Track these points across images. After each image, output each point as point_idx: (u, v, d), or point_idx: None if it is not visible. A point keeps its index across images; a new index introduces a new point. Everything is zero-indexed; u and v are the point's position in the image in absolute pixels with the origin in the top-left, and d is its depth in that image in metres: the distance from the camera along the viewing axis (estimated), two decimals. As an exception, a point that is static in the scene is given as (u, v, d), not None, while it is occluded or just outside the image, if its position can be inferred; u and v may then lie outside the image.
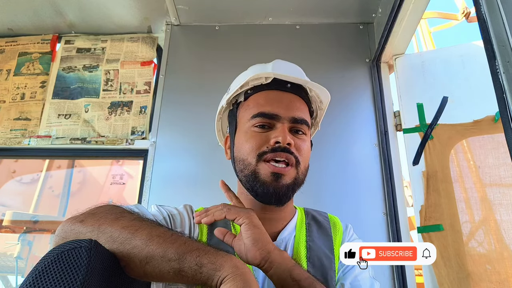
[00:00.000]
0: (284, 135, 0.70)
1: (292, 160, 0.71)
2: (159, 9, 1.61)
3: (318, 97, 0.84)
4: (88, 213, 0.60)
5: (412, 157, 1.34)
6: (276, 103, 0.74)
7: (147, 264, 0.53)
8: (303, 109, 0.77)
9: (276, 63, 0.82)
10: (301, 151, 0.73)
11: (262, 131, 0.73)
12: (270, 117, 0.73)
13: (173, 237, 0.55)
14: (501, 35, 0.70)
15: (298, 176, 0.72)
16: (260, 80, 0.77)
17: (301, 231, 0.78)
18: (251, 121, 0.74)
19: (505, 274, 1.12)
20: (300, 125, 0.75)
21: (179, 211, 0.76)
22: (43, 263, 0.45)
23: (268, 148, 0.71)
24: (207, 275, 0.51)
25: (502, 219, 1.17)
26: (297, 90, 0.79)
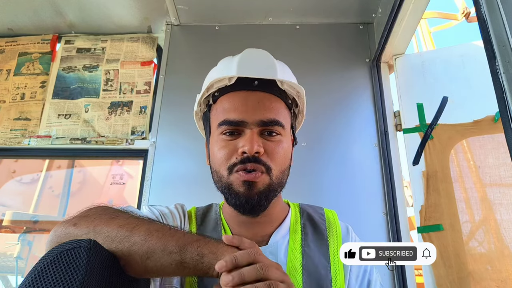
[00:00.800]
0: (250, 144, 0.65)
1: (262, 169, 0.66)
2: (159, 9, 1.61)
3: (293, 89, 0.76)
4: (80, 216, 0.59)
5: (412, 157, 1.34)
6: (241, 107, 0.69)
7: (148, 259, 0.53)
8: (274, 108, 0.70)
9: (243, 57, 0.75)
10: (274, 155, 0.68)
11: (231, 138, 0.69)
12: (236, 124, 0.68)
13: (171, 230, 0.55)
14: (501, 35, 0.70)
15: (272, 182, 0.68)
16: (224, 82, 0.72)
17: (295, 234, 0.74)
18: (218, 128, 0.70)
19: (506, 272, 1.12)
20: (272, 127, 0.69)
21: (170, 210, 0.75)
22: (42, 263, 0.45)
23: (237, 159, 0.67)
24: (208, 264, 0.52)
25: (502, 218, 1.17)
26: (266, 86, 0.71)
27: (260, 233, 0.73)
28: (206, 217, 0.78)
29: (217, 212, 0.78)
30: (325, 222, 0.78)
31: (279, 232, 0.73)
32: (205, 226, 0.75)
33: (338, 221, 0.80)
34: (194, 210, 0.80)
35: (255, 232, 0.73)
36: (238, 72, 0.71)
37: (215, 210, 0.79)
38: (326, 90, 1.51)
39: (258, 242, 0.70)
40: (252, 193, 0.66)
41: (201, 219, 0.77)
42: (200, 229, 0.74)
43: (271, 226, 0.74)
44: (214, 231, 0.73)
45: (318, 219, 0.79)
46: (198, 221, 0.76)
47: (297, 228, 0.75)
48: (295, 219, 0.77)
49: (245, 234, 0.72)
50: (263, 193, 0.67)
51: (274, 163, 0.68)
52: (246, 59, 0.75)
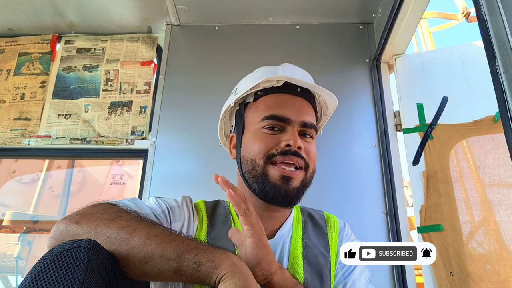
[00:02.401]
0: (295, 138, 0.72)
1: (302, 164, 0.73)
2: (159, 9, 1.61)
3: (325, 103, 0.86)
4: (83, 214, 0.59)
5: (412, 157, 1.34)
6: (287, 106, 0.76)
7: (146, 264, 0.53)
8: (311, 114, 0.80)
9: (286, 67, 0.83)
10: (310, 154, 0.75)
11: (273, 133, 0.74)
12: (281, 119, 0.74)
13: (171, 236, 0.55)
14: (501, 35, 0.70)
15: (306, 179, 0.75)
16: (272, 83, 0.78)
17: (297, 228, 0.79)
18: (261, 122, 0.76)
19: (504, 274, 1.11)
20: (309, 129, 0.77)
21: (178, 204, 0.77)
22: (42, 263, 0.45)
23: (277, 151, 0.72)
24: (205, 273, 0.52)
25: (502, 219, 1.17)
26: (306, 95, 0.80)
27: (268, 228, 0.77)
28: (216, 210, 0.80)
29: (226, 207, 0.81)
30: (324, 220, 0.84)
31: (284, 228, 0.79)
32: (215, 219, 0.77)
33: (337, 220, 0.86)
34: (203, 203, 0.82)
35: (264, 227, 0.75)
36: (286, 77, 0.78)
37: (224, 205, 0.82)
38: (326, 90, 1.50)
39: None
40: (289, 187, 0.71)
41: (211, 212, 0.79)
42: (211, 222, 0.76)
43: (279, 222, 0.79)
44: (224, 224, 0.76)
45: (318, 217, 0.85)
46: (208, 214, 0.78)
47: (299, 224, 0.81)
48: (297, 217, 0.83)
49: None
50: (299, 189, 0.73)
51: (310, 161, 0.76)
52: (290, 68, 0.84)
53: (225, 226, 0.75)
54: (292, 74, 0.80)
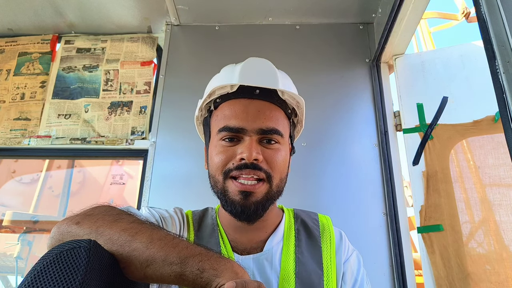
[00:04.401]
0: (249, 151, 0.66)
1: (262, 176, 0.67)
2: (159, 9, 1.61)
3: (294, 99, 0.77)
4: (84, 215, 0.59)
5: (412, 157, 1.34)
6: (242, 114, 0.70)
7: (148, 267, 0.52)
8: (274, 117, 0.71)
9: (245, 66, 0.76)
10: (273, 163, 0.69)
11: (230, 145, 0.69)
12: (236, 130, 0.69)
13: (174, 240, 0.55)
14: (501, 35, 0.70)
15: (271, 190, 0.69)
16: (226, 89, 0.73)
17: (289, 240, 0.74)
18: (218, 134, 0.71)
19: (504, 274, 1.11)
20: (270, 135, 0.69)
21: (170, 214, 0.75)
22: (42, 263, 0.45)
23: (233, 165, 0.67)
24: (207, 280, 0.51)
25: (502, 219, 1.17)
26: (267, 95, 0.72)
27: (255, 239, 0.74)
28: (203, 222, 0.78)
29: (214, 218, 0.78)
30: (319, 228, 0.79)
31: (274, 239, 0.74)
32: (202, 232, 0.75)
33: (332, 227, 0.80)
34: (190, 215, 0.80)
35: (250, 238, 0.74)
36: (240, 80, 0.72)
37: (211, 215, 0.79)
38: (326, 90, 1.51)
39: (253, 249, 0.72)
40: (248, 202, 0.67)
41: (198, 224, 0.77)
42: (198, 235, 0.75)
43: (265, 232, 0.75)
44: (211, 237, 0.74)
45: (312, 225, 0.79)
46: (195, 227, 0.76)
47: (291, 234, 0.76)
48: (289, 225, 0.78)
49: (241, 239, 0.74)
50: (260, 203, 0.68)
51: (274, 170, 0.69)
52: (249, 67, 0.76)
53: (212, 238, 0.73)
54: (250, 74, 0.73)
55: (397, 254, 1.26)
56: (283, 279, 0.68)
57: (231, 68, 0.80)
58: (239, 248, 0.73)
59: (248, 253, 0.72)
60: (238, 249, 0.73)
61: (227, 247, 0.72)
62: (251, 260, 0.70)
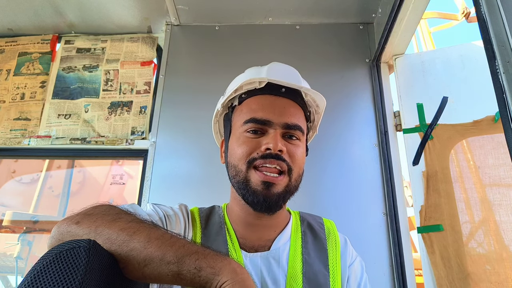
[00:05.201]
0: (275, 141, 0.69)
1: (284, 167, 0.70)
2: (159, 9, 1.61)
3: (314, 101, 0.82)
4: (84, 214, 0.59)
5: (412, 157, 1.34)
6: (269, 108, 0.73)
7: (146, 266, 0.52)
8: (297, 114, 0.76)
9: (271, 66, 0.80)
10: (294, 157, 0.72)
11: (254, 136, 0.72)
12: (262, 123, 0.72)
13: (172, 239, 0.55)
14: (501, 35, 0.70)
15: (290, 184, 0.71)
16: (254, 85, 0.76)
17: (296, 241, 0.76)
18: (243, 126, 0.74)
19: (504, 274, 1.11)
20: (294, 131, 0.73)
21: (174, 212, 0.76)
22: (42, 263, 0.45)
23: (258, 155, 0.70)
24: (205, 279, 0.51)
25: (502, 219, 1.17)
26: (291, 94, 0.77)
27: (264, 237, 0.75)
28: (210, 219, 0.78)
29: (221, 215, 0.79)
30: (324, 231, 0.81)
31: (281, 238, 0.76)
32: (209, 230, 0.75)
33: (336, 231, 0.82)
34: (197, 212, 0.80)
35: (259, 236, 0.75)
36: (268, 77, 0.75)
37: (219, 213, 0.80)
38: (326, 90, 1.49)
39: (261, 247, 0.73)
40: (270, 193, 0.69)
41: (205, 222, 0.77)
42: (205, 232, 0.75)
43: (274, 231, 0.76)
44: (218, 235, 0.74)
45: (317, 228, 0.81)
46: (202, 224, 0.77)
47: (298, 236, 0.77)
48: (296, 226, 0.80)
49: (250, 237, 0.74)
50: (281, 194, 0.70)
51: (294, 164, 0.72)
52: (275, 68, 0.80)
53: (219, 236, 0.73)
54: (277, 74, 0.77)
55: (397, 254, 1.26)
56: (290, 278, 0.69)
57: (256, 68, 0.83)
58: (247, 246, 0.73)
59: (256, 251, 0.72)
60: (246, 246, 0.73)
61: (235, 244, 0.72)
62: (258, 258, 0.71)
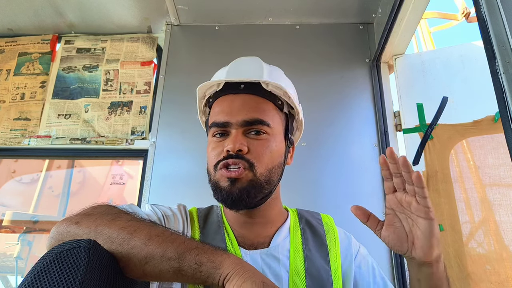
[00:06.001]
0: (233, 143, 0.69)
1: (245, 165, 0.68)
2: (159, 9, 1.61)
3: (280, 89, 0.76)
4: (83, 214, 0.59)
5: (412, 157, 1.34)
6: (227, 109, 0.73)
7: (147, 264, 0.53)
8: (260, 108, 0.73)
9: (232, 64, 0.81)
10: (257, 153, 0.70)
11: (220, 140, 0.73)
12: (222, 125, 0.72)
13: (172, 236, 0.55)
14: (501, 35, 0.70)
15: (256, 179, 0.69)
16: (213, 88, 0.78)
17: (296, 238, 0.76)
18: (210, 131, 0.75)
19: (504, 274, 1.11)
20: (256, 125, 0.71)
21: (173, 212, 0.76)
22: (42, 263, 0.45)
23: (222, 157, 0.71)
24: (207, 273, 0.52)
25: (502, 219, 1.17)
26: (252, 89, 0.74)
27: (261, 234, 0.75)
28: (208, 219, 0.78)
29: (219, 214, 0.79)
30: (323, 227, 0.81)
31: (280, 235, 0.76)
32: (207, 229, 0.75)
33: (335, 226, 0.82)
34: (195, 212, 0.80)
35: (257, 234, 0.75)
36: (225, 77, 0.76)
37: (217, 212, 0.80)
38: (326, 90, 1.51)
39: (259, 244, 0.73)
40: (233, 188, 0.68)
41: (203, 221, 0.77)
42: (203, 232, 0.75)
43: (270, 227, 0.76)
44: (217, 234, 0.74)
45: (316, 224, 0.81)
46: (200, 224, 0.77)
47: (297, 232, 0.77)
48: (295, 223, 0.79)
49: (247, 235, 0.74)
50: (244, 189, 0.68)
51: (258, 160, 0.70)
52: (235, 65, 0.80)
53: (217, 235, 0.73)
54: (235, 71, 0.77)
55: (397, 254, 1.26)
56: (293, 274, 0.69)
57: (221, 70, 0.84)
58: (246, 243, 0.73)
59: (255, 248, 0.72)
60: (245, 244, 0.73)
61: (233, 242, 0.72)
62: (258, 254, 0.71)
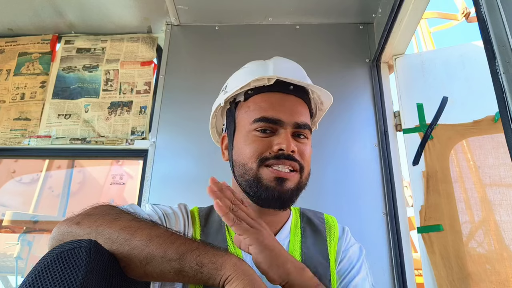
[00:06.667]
0: (288, 142, 0.69)
1: (297, 167, 0.71)
2: (159, 9, 1.61)
3: (320, 99, 0.83)
4: (84, 215, 0.59)
5: (412, 157, 1.34)
6: (279, 107, 0.73)
7: (148, 264, 0.53)
8: (305, 113, 0.76)
9: (277, 62, 0.80)
10: (304, 156, 0.73)
11: (264, 135, 0.72)
12: (273, 122, 0.72)
13: (173, 237, 0.55)
14: (501, 35, 0.70)
15: (301, 181, 0.72)
16: (262, 82, 0.75)
17: (295, 236, 0.76)
18: (252, 125, 0.73)
19: (505, 274, 1.11)
20: (303, 130, 0.74)
21: (173, 211, 0.76)
22: (43, 263, 0.45)
23: (270, 155, 0.70)
24: (208, 274, 0.52)
25: (502, 219, 1.17)
26: (299, 92, 0.77)
27: None
28: (210, 218, 0.78)
29: None
30: (324, 224, 0.81)
31: (281, 235, 0.76)
32: (208, 228, 0.75)
33: (337, 225, 0.82)
34: (197, 211, 0.80)
35: None
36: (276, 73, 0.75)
37: None
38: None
39: None
40: (284, 189, 0.69)
41: (204, 220, 0.77)
42: (204, 230, 0.74)
43: (274, 228, 0.76)
44: (218, 233, 0.74)
45: (317, 222, 0.81)
46: (202, 222, 0.76)
47: (297, 231, 0.77)
48: (295, 223, 0.80)
49: None
50: (294, 191, 0.71)
51: (305, 162, 0.73)
52: (282, 64, 0.80)
53: (218, 235, 0.73)
54: (283, 70, 0.77)
55: (397, 254, 1.26)
56: None
57: (261, 63, 0.82)
58: None
59: None
60: None
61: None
62: None
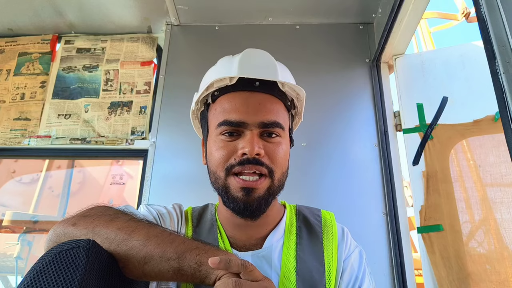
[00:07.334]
0: (251, 145, 0.64)
1: (264, 171, 0.65)
2: (159, 9, 1.61)
3: (294, 91, 0.75)
4: (80, 216, 0.59)
5: (412, 157, 1.34)
6: (242, 107, 0.67)
7: (146, 264, 0.53)
8: (275, 109, 0.70)
9: (243, 57, 0.73)
10: (275, 157, 0.67)
11: (230, 139, 0.67)
12: (236, 124, 0.66)
13: (171, 236, 0.55)
14: (501, 35, 0.70)
15: (273, 185, 0.67)
16: (225, 82, 0.70)
17: (290, 237, 0.72)
18: (217, 129, 0.69)
19: (505, 274, 1.11)
20: (272, 128, 0.68)
21: (168, 210, 0.75)
22: (41, 263, 0.45)
23: (235, 161, 0.65)
24: (205, 273, 0.52)
25: (503, 218, 1.16)
26: (267, 87, 0.70)
27: (254, 235, 0.72)
28: (202, 218, 0.77)
29: (213, 213, 0.78)
30: (320, 224, 0.77)
31: (274, 235, 0.73)
32: (200, 228, 0.75)
33: (335, 223, 0.78)
34: (190, 211, 0.80)
35: (250, 235, 0.72)
36: (239, 72, 0.70)
37: (211, 211, 0.79)
38: (326, 90, 1.51)
39: (252, 245, 0.71)
40: (250, 199, 0.65)
41: (197, 220, 0.76)
42: (196, 230, 0.74)
43: (265, 229, 0.73)
44: (209, 233, 0.73)
45: (314, 220, 0.77)
46: (194, 223, 0.76)
47: (292, 232, 0.74)
48: (290, 222, 0.76)
49: (240, 236, 0.72)
50: (262, 198, 0.66)
51: (276, 165, 0.67)
52: (247, 59, 0.73)
53: (210, 234, 0.72)
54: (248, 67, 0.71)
55: (397, 254, 1.26)
56: (283, 277, 0.66)
57: (228, 60, 0.77)
58: (238, 245, 0.71)
59: (247, 250, 0.70)
60: (237, 245, 0.71)
61: (225, 243, 0.71)
62: (249, 257, 0.69)
